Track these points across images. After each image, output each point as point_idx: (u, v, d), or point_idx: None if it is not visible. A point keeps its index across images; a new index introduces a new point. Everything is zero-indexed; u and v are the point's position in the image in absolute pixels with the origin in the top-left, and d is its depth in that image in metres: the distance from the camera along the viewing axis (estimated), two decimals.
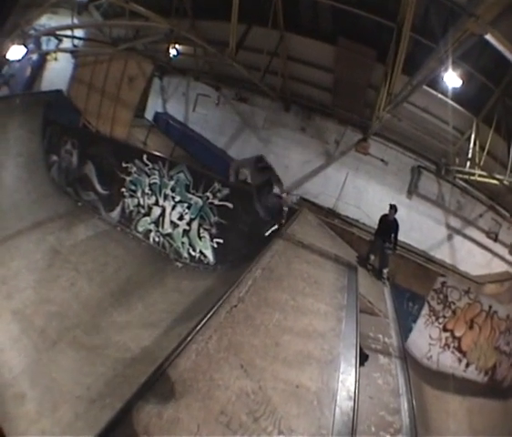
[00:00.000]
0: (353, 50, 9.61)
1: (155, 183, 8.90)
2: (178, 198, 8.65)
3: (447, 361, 9.36)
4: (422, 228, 10.32)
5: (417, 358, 9.20)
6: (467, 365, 9.18)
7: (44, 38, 11.99)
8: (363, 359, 5.54)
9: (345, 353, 4.96)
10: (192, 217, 8.53)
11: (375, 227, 9.21)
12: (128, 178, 9.23)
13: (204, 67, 9.88)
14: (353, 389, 4.23)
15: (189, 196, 8.51)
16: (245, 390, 4.00)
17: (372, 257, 9.21)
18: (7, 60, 11.02)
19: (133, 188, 9.22)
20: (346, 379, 4.40)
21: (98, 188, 9.54)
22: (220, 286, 7.80)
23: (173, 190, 8.73)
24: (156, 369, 4.17)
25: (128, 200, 9.26)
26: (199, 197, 8.42)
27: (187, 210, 8.57)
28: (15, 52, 10.39)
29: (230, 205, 8.36)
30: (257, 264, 7.38)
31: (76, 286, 7.96)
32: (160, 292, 8.07)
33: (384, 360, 6.26)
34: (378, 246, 9.15)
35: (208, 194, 8.41)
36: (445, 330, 9.65)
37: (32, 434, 5.00)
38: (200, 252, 8.52)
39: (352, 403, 4.02)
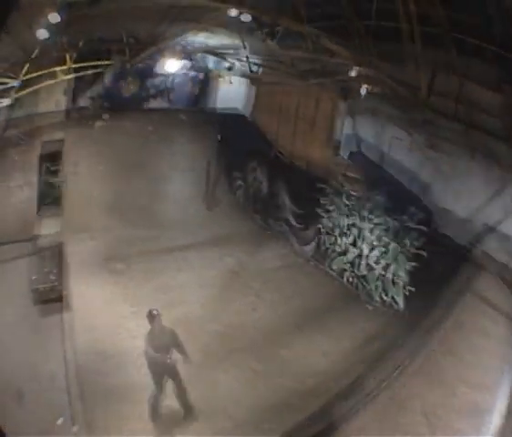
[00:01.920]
0: None
1: (354, 224, 9.13)
2: (376, 243, 8.84)
3: None
4: None
5: None
6: None
7: (210, 58, 11.91)
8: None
9: (499, 404, 5.36)
10: (388, 262, 8.68)
11: None
12: (325, 215, 9.43)
13: (396, 110, 9.96)
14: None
15: (387, 240, 8.70)
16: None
17: None
18: (158, 71, 10.98)
19: (331, 225, 9.43)
20: (493, 427, 4.91)
21: (292, 220, 9.77)
22: (409, 335, 7.86)
23: (371, 232, 8.92)
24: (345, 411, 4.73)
25: (325, 237, 9.47)
26: (397, 243, 8.59)
27: (383, 255, 8.74)
28: (171, 65, 10.24)
29: (425, 253, 8.51)
30: (446, 315, 7.59)
31: (256, 312, 8.19)
32: (347, 330, 8.12)
33: None
34: None
35: (405, 241, 8.56)
36: None
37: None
38: (392, 298, 8.66)
39: None
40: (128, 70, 11.02)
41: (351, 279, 9.20)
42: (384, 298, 8.76)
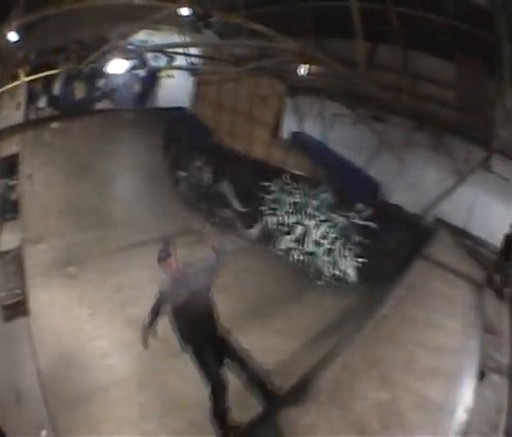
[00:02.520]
0: (470, 65, 9.63)
1: (298, 202, 9.06)
2: (322, 218, 8.79)
3: None
4: None
5: None
6: None
7: (150, 55, 12.10)
8: (480, 376, 5.70)
9: (468, 370, 5.20)
10: (336, 236, 8.65)
11: (499, 246, 9.23)
12: (268, 197, 9.40)
13: (337, 86, 9.97)
14: (469, 403, 4.44)
15: (333, 215, 8.63)
16: (380, 400, 4.24)
17: (495, 276, 9.24)
18: (103, 73, 11.14)
19: (274, 206, 9.38)
20: (465, 393, 4.63)
21: (236, 205, 9.73)
22: (362, 304, 7.96)
23: (317, 210, 8.88)
24: (300, 378, 4.54)
25: (269, 218, 9.43)
26: (343, 216, 8.54)
27: (330, 229, 8.68)
28: (115, 66, 10.42)
29: (373, 225, 8.47)
30: (399, 283, 7.56)
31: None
32: (300, 308, 8.19)
33: (495, 379, 6.51)
34: (501, 265, 9.18)
35: (352, 214, 8.52)
36: None
37: (127, 435, 5.05)
38: (343, 271, 8.64)
39: (467, 417, 4.25)
40: (76, 75, 11.18)
41: (298, 257, 9.10)
42: (335, 272, 8.71)
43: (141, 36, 11.30)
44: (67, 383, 5.70)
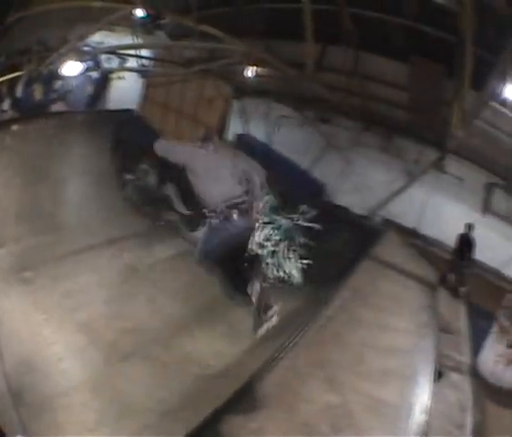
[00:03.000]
0: (424, 67, 9.63)
1: None
2: (265, 220, 8.63)
3: (509, 378, 9.36)
4: (494, 245, 10.27)
5: (484, 375, 9.24)
6: None
7: (103, 56, 12.01)
8: (437, 376, 5.63)
9: (423, 370, 5.19)
10: (280, 238, 8.52)
11: (453, 245, 9.22)
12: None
13: (284, 89, 9.90)
14: (427, 404, 4.43)
15: (277, 217, 8.50)
16: (329, 403, 4.19)
17: (450, 276, 9.22)
18: (59, 75, 11.06)
19: None
20: (422, 394, 4.61)
21: (180, 208, 9.58)
22: (307, 306, 7.88)
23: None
24: (244, 383, 4.43)
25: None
26: (287, 218, 8.42)
27: (274, 231, 8.54)
28: (70, 68, 10.35)
29: (317, 226, 8.38)
30: (345, 284, 7.46)
31: (156, 303, 7.97)
32: (246, 311, 8.02)
33: (456, 378, 6.35)
34: (456, 265, 9.18)
35: (295, 215, 8.40)
36: (510, 346, 9.59)
37: None
38: (287, 273, 8.50)
39: (425, 417, 4.21)
40: (36, 77, 11.17)
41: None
42: (279, 274, 8.54)
43: (97, 38, 11.23)
44: (33, 388, 5.57)
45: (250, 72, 9.52)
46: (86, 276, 8.49)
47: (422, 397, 4.56)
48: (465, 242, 9.30)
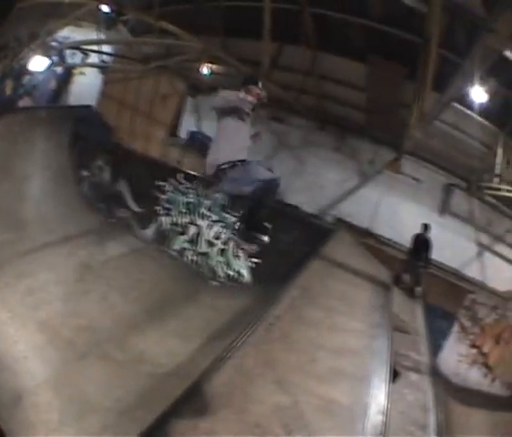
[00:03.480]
0: (384, 68, 9.59)
1: (191, 202, 8.92)
2: (214, 218, 8.65)
3: (474, 378, 9.29)
4: (453, 245, 10.26)
5: (446, 375, 9.19)
6: (493, 380, 9.07)
7: (68, 52, 11.98)
8: (394, 376, 5.56)
9: (377, 370, 5.04)
10: (229, 236, 8.49)
11: (409, 246, 9.19)
12: (162, 197, 9.23)
13: (238, 86, 9.77)
14: (383, 404, 4.29)
15: (226, 215, 8.48)
16: (279, 404, 4.06)
17: (405, 276, 9.18)
18: (28, 70, 11.05)
19: (168, 206, 9.21)
20: (378, 394, 4.48)
21: (132, 205, 9.58)
22: (257, 304, 7.84)
23: (209, 210, 8.75)
24: (193, 383, 4.26)
25: (163, 219, 9.26)
26: (236, 216, 8.38)
27: (223, 230, 8.53)
28: (37, 63, 10.36)
29: (268, 225, 8.32)
30: (293, 283, 7.41)
31: (109, 301, 7.97)
32: (195, 309, 8.13)
33: (414, 377, 6.31)
34: (411, 265, 9.14)
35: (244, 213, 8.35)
36: (473, 346, 9.60)
37: None
38: (237, 271, 8.51)
39: (382, 418, 4.08)
40: (8, 73, 11.27)
41: (192, 258, 8.93)
42: (228, 272, 8.58)
43: (65, 33, 11.22)
44: (5, 386, 5.56)
45: (205, 69, 9.49)
46: (44, 274, 8.51)
47: (378, 397, 4.44)
48: (421, 242, 9.23)
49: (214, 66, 9.65)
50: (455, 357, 9.63)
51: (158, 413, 4.48)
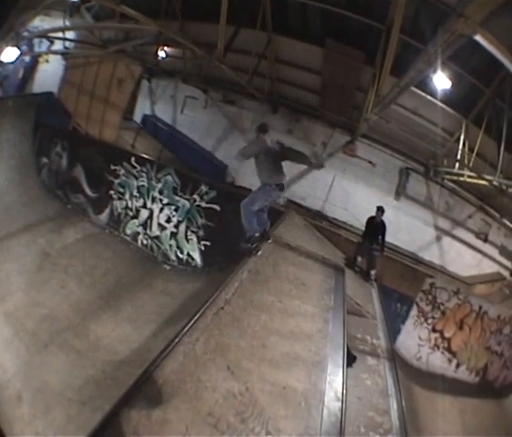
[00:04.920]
0: (341, 52, 9.61)
1: (143, 186, 8.99)
2: (165, 201, 8.73)
3: (437, 362, 9.28)
4: (410, 229, 10.35)
5: (406, 359, 9.17)
6: (458, 365, 9.07)
7: (36, 40, 12.05)
8: (350, 360, 5.52)
9: (333, 354, 4.95)
10: (180, 219, 8.61)
11: (363, 228, 9.24)
12: (116, 181, 9.30)
13: (192, 70, 9.92)
14: (340, 390, 4.24)
15: (177, 198, 8.59)
16: (232, 391, 4.00)
17: (359, 259, 9.21)
18: (1, 62, 11.10)
19: (121, 190, 9.29)
20: (334, 380, 4.41)
21: (87, 190, 9.65)
22: (208, 288, 7.86)
23: (161, 193, 8.81)
24: (143, 371, 4.15)
25: (117, 203, 9.34)
26: (187, 199, 8.49)
27: (174, 213, 8.64)
28: (9, 54, 10.43)
29: (218, 207, 8.40)
30: (244, 266, 7.40)
31: (67, 288, 8.06)
32: (149, 294, 8.17)
33: (372, 362, 6.30)
34: (366, 248, 9.16)
35: (195, 196, 8.47)
36: (434, 330, 9.60)
37: (27, 435, 5.10)
38: (188, 255, 8.58)
39: (339, 404, 4.04)
40: None
41: (145, 242, 9.03)
42: (180, 255, 8.64)
43: (36, 23, 11.26)
44: None
45: (161, 52, 9.55)
46: (8, 264, 8.65)
47: (334, 383, 4.33)
48: (375, 225, 9.25)
49: (170, 50, 9.72)
50: (416, 341, 9.64)
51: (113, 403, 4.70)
